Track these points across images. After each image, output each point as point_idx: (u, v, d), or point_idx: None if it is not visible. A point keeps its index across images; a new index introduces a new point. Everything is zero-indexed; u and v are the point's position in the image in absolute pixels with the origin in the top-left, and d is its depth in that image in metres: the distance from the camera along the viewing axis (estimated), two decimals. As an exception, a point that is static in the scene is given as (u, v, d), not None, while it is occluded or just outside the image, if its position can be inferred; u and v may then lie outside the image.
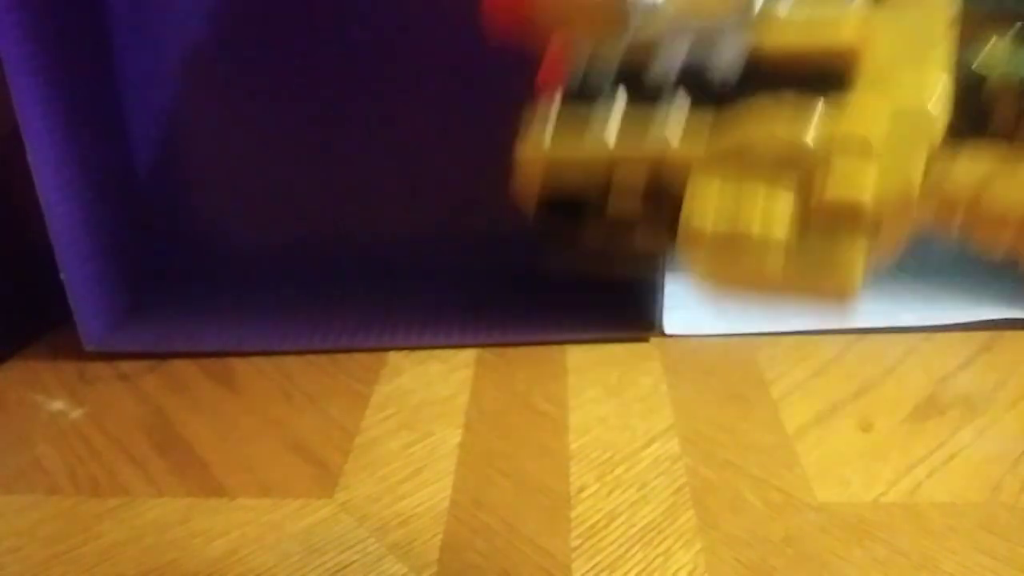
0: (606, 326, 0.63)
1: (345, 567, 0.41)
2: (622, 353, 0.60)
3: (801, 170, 0.19)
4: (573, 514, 0.44)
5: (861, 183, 0.19)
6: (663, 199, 0.21)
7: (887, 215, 0.19)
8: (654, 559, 0.41)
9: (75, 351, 0.62)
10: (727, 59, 0.21)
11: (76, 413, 0.57)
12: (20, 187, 0.57)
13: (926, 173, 0.19)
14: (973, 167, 0.20)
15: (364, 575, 0.41)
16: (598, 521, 0.44)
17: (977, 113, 0.20)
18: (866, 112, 0.19)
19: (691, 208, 0.20)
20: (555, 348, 0.61)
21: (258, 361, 0.62)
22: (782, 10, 0.21)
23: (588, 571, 0.40)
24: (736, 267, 0.20)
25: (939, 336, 0.59)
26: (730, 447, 0.49)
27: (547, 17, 0.23)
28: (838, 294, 0.19)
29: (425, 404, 0.55)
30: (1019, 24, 0.21)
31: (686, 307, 0.65)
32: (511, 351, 0.61)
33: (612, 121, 0.22)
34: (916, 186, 0.19)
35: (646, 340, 0.62)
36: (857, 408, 0.52)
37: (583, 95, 0.23)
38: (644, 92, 0.22)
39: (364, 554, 0.42)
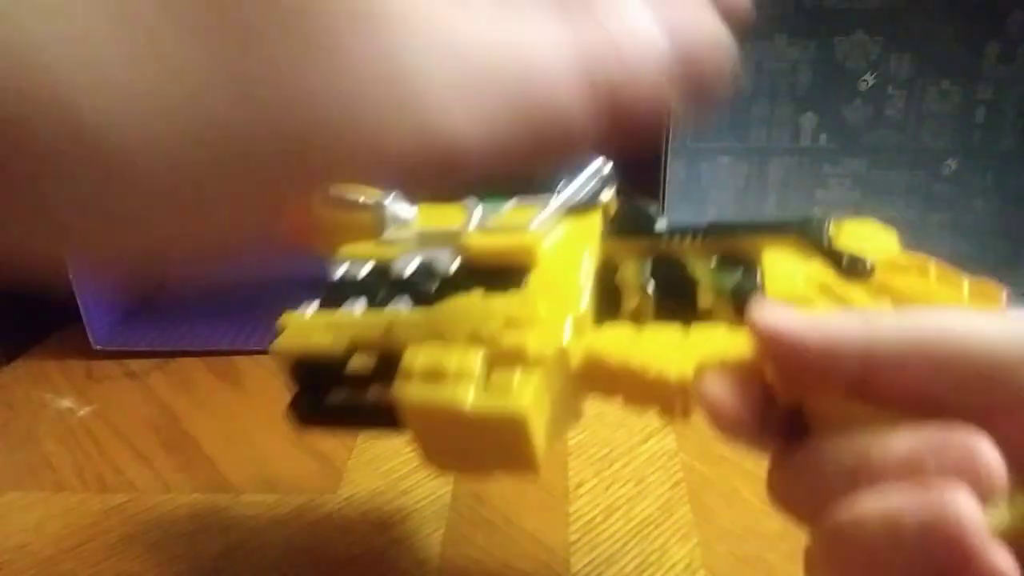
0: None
1: (349, 562, 0.42)
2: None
3: (487, 331, 0.26)
4: (571, 509, 0.45)
5: (527, 338, 0.26)
6: (392, 363, 0.27)
7: (545, 356, 0.26)
8: (651, 553, 0.41)
9: (83, 349, 0.63)
10: (445, 261, 0.31)
11: (84, 411, 0.58)
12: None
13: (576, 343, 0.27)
14: (609, 333, 0.28)
15: (368, 569, 0.41)
16: (596, 516, 0.44)
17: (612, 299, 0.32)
18: (534, 302, 0.28)
19: (407, 360, 0.26)
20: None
21: (264, 359, 0.62)
22: (488, 225, 0.32)
23: (586, 565, 0.41)
24: (437, 391, 0.25)
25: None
26: (725, 443, 0.49)
27: (324, 231, 0.31)
28: (510, 411, 0.24)
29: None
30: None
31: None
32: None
33: (360, 303, 0.31)
34: (560, 342, 0.26)
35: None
36: (852, 405, 0.52)
37: (338, 291, 0.32)
38: (384, 287, 0.31)
39: (367, 548, 0.43)
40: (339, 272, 0.32)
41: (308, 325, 0.30)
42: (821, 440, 0.23)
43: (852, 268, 0.29)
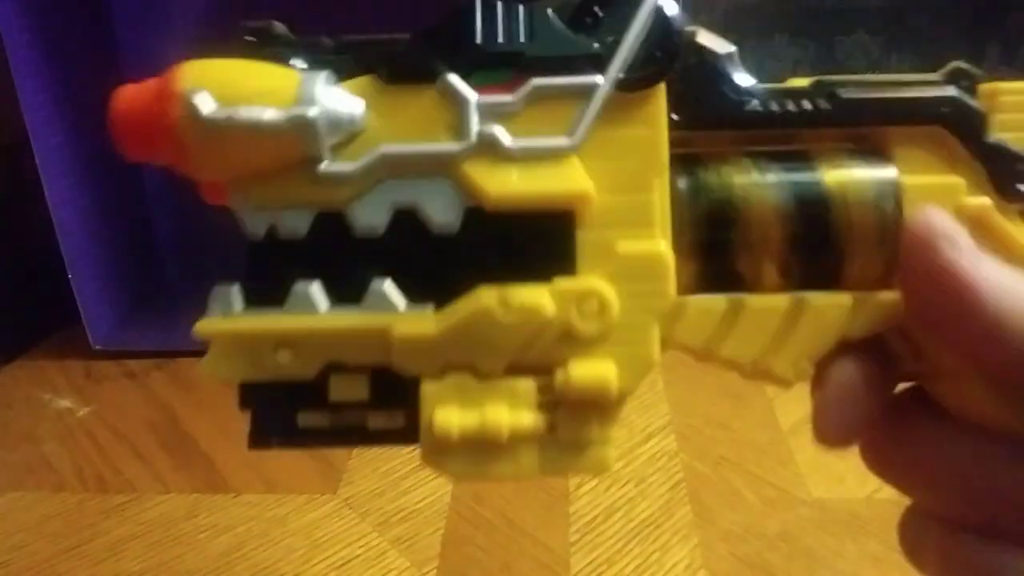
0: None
1: (348, 561, 0.42)
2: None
3: (539, 350, 0.19)
4: (571, 509, 0.45)
5: (604, 365, 0.19)
6: (395, 379, 0.19)
7: (630, 389, 0.19)
8: (651, 553, 0.41)
9: (82, 349, 0.63)
10: (443, 209, 0.19)
11: (83, 411, 0.57)
12: (30, 189, 0.57)
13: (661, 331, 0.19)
14: (701, 323, 0.20)
15: (367, 569, 0.41)
16: (596, 516, 0.44)
17: (718, 244, 0.20)
18: (598, 286, 0.19)
19: (431, 406, 0.19)
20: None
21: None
22: (500, 145, 0.19)
23: (586, 565, 0.41)
24: (491, 466, 0.19)
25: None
26: (726, 443, 0.49)
27: (202, 159, 0.19)
28: (595, 472, 0.19)
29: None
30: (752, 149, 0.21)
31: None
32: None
33: (315, 290, 0.19)
34: (656, 362, 0.19)
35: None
36: (852, 405, 0.52)
37: (272, 264, 0.20)
38: (347, 256, 0.20)
39: (367, 548, 0.43)
40: (261, 228, 0.20)
41: (248, 335, 0.19)
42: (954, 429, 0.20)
43: (1017, 181, 0.20)
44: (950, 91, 0.20)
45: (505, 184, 0.19)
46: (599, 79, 0.19)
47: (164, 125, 0.18)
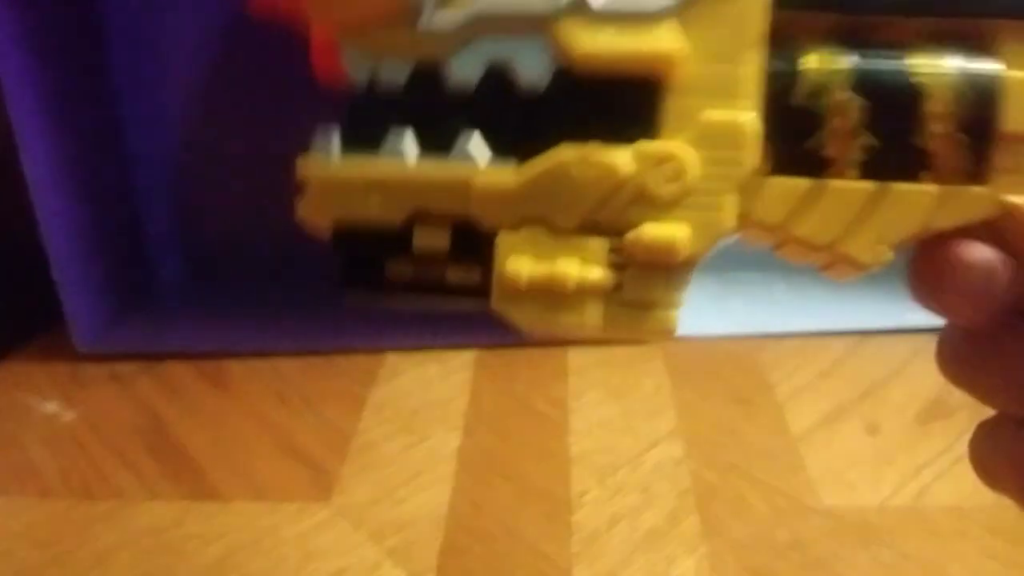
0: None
1: (342, 572, 0.41)
2: (624, 354, 0.60)
3: (613, 209, 0.20)
4: (574, 519, 0.44)
5: (675, 226, 0.20)
6: (474, 235, 0.21)
7: (700, 253, 0.20)
8: (657, 564, 0.41)
9: (68, 352, 0.62)
10: (533, 67, 0.20)
11: (69, 415, 0.56)
12: (14, 189, 0.57)
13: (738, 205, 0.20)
14: (781, 200, 0.20)
15: (361, 581, 0.41)
16: (600, 526, 0.43)
17: (796, 126, 0.20)
18: (679, 150, 0.20)
19: (505, 255, 0.20)
20: (556, 349, 0.61)
21: (253, 362, 0.61)
22: (594, 3, 0.20)
23: (589, 577, 0.40)
24: (556, 315, 0.20)
25: (945, 337, 0.59)
26: (734, 450, 0.49)
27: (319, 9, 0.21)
28: (659, 335, 0.21)
29: (423, 406, 0.55)
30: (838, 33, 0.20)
31: (689, 307, 0.64)
32: (511, 352, 0.61)
33: (408, 139, 0.21)
34: (727, 230, 0.20)
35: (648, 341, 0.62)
36: (863, 410, 0.52)
37: (370, 112, 0.21)
38: (440, 108, 0.21)
39: (361, 559, 0.42)
40: (364, 76, 0.21)
41: (343, 179, 0.21)
42: None
43: None
44: None
45: (594, 43, 0.20)
46: None
47: None
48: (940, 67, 0.19)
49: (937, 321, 0.22)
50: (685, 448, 0.49)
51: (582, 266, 0.20)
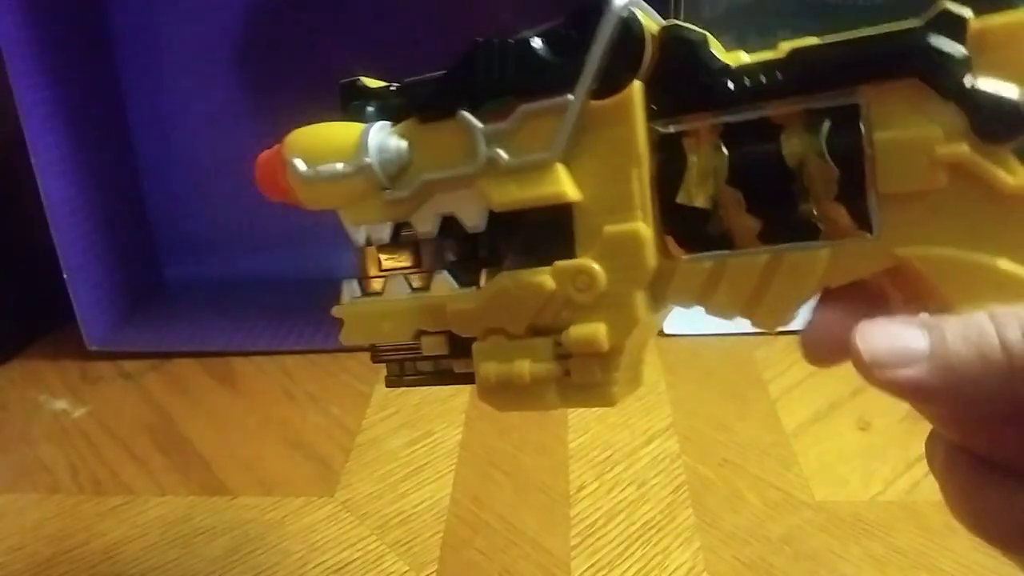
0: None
1: (346, 565, 0.41)
2: (622, 352, 0.60)
3: (548, 316, 0.24)
4: (572, 512, 0.44)
5: (595, 326, 0.24)
6: (460, 341, 0.26)
7: (621, 342, 0.24)
8: (653, 557, 0.41)
9: (78, 350, 0.62)
10: (472, 214, 0.26)
11: (79, 412, 0.57)
12: (24, 189, 0.57)
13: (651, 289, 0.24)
14: (689, 283, 0.23)
15: (365, 573, 0.41)
16: (597, 519, 0.44)
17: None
18: (587, 264, 0.24)
19: (478, 360, 0.26)
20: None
21: (260, 360, 0.62)
22: (500, 163, 0.24)
23: (587, 569, 0.40)
24: (522, 401, 0.25)
25: (937, 335, 0.58)
26: (729, 445, 0.49)
27: (313, 201, 0.27)
28: (605, 405, 0.25)
29: (426, 403, 0.56)
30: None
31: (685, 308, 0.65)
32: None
33: (400, 283, 0.28)
34: (639, 321, 0.23)
35: (645, 339, 0.62)
36: (855, 407, 0.52)
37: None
38: (417, 256, 0.28)
39: (365, 552, 0.42)
40: (361, 238, 0.28)
41: (364, 314, 0.28)
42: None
43: (1000, 123, 0.19)
44: (923, 40, 0.20)
45: (505, 194, 0.25)
46: (570, 96, 0.23)
47: (281, 182, 0.27)
48: (809, 142, 0.21)
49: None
50: (680, 443, 0.50)
51: (534, 363, 0.25)
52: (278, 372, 0.60)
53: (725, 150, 0.22)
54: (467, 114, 0.25)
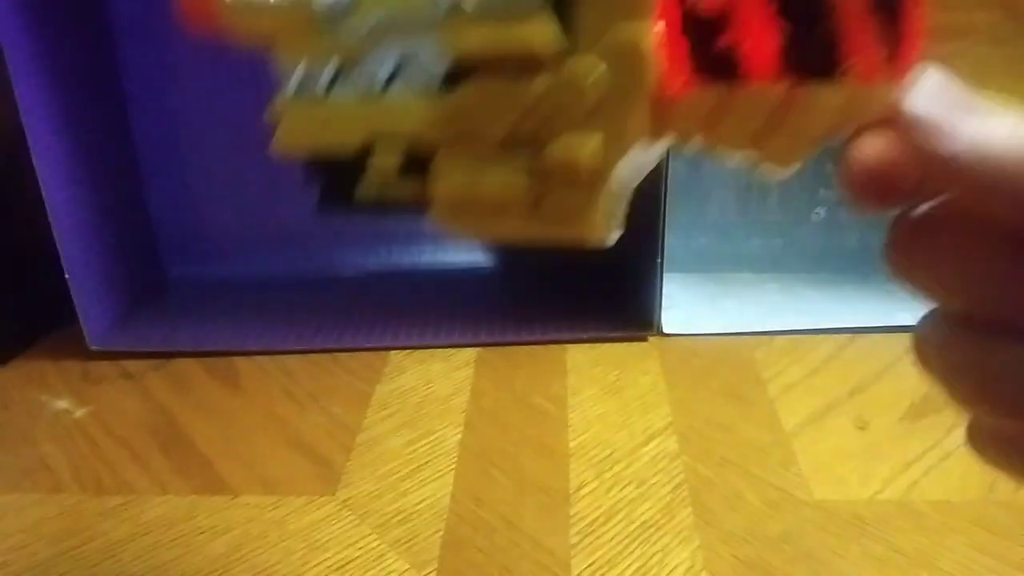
0: (605, 326, 0.63)
1: (347, 563, 0.42)
2: (621, 352, 0.61)
3: (532, 121, 0.21)
4: (572, 511, 0.45)
5: (582, 142, 0.21)
6: (421, 158, 0.23)
7: (613, 161, 0.21)
8: (652, 555, 0.41)
9: (79, 350, 0.62)
10: (429, 58, 0.22)
11: (80, 412, 0.57)
12: (25, 188, 0.57)
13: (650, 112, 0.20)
14: (694, 109, 0.20)
15: (365, 572, 0.41)
16: (597, 518, 0.44)
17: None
18: (581, 62, 0.20)
19: (439, 174, 0.22)
20: (554, 347, 0.62)
21: (261, 360, 0.62)
22: (468, 4, 0.21)
23: (587, 567, 0.41)
24: (483, 223, 0.22)
25: (936, 335, 0.59)
26: (728, 445, 0.49)
27: (242, 30, 0.24)
28: (581, 239, 0.22)
29: (426, 402, 0.56)
30: None
31: (684, 307, 0.65)
32: (511, 350, 0.62)
33: (355, 80, 0.23)
34: (637, 138, 0.21)
35: (644, 339, 0.62)
36: (853, 406, 0.53)
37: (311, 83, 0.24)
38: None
39: (366, 551, 0.42)
40: (297, 75, 0.24)
41: (306, 115, 0.24)
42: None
43: None
44: None
45: (471, 38, 0.21)
46: None
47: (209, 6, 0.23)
48: None
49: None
50: (680, 443, 0.50)
51: (505, 177, 0.22)
52: (279, 372, 0.60)
53: None
54: None
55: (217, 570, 0.42)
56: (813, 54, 0.19)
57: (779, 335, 0.61)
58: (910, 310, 0.22)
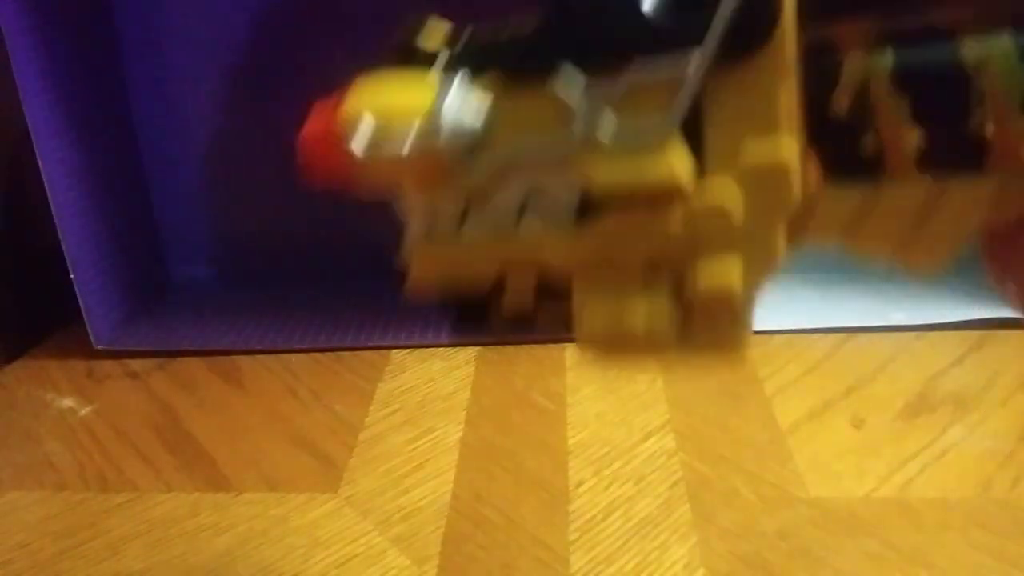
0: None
1: (349, 560, 0.42)
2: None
3: (670, 261, 0.20)
4: (571, 508, 0.45)
5: (728, 270, 0.19)
6: (553, 295, 0.22)
7: (756, 285, 0.20)
8: (650, 552, 0.42)
9: (84, 349, 0.63)
10: (562, 200, 0.21)
11: (85, 410, 0.58)
12: (31, 187, 0.57)
13: (793, 220, 0.19)
14: (835, 214, 0.20)
15: (367, 568, 0.42)
16: (596, 515, 0.44)
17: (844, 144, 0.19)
18: (719, 186, 0.19)
19: (580, 315, 0.21)
20: (554, 346, 0.61)
21: (265, 359, 0.63)
22: (604, 135, 0.19)
23: (586, 564, 0.41)
24: (628, 355, 0.21)
25: (930, 334, 0.59)
26: (725, 443, 0.50)
27: (370, 181, 0.22)
28: (732, 355, 0.21)
29: (427, 400, 0.56)
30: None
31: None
32: (511, 349, 0.61)
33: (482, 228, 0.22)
34: (780, 258, 0.19)
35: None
36: (849, 405, 0.53)
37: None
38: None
39: (368, 547, 0.43)
40: (426, 215, 0.23)
41: (438, 254, 0.23)
42: None
43: None
44: None
45: (608, 173, 0.20)
46: (691, 63, 0.18)
47: (336, 161, 0.22)
48: (988, 45, 0.17)
49: (919, 320, 0.21)
50: (677, 440, 0.50)
51: (651, 310, 0.20)
52: (283, 371, 0.61)
53: (885, 54, 0.18)
54: (569, 75, 0.20)
55: (220, 566, 0.42)
56: (956, 147, 0.18)
57: (776, 334, 0.61)
58: (905, 310, 0.22)
